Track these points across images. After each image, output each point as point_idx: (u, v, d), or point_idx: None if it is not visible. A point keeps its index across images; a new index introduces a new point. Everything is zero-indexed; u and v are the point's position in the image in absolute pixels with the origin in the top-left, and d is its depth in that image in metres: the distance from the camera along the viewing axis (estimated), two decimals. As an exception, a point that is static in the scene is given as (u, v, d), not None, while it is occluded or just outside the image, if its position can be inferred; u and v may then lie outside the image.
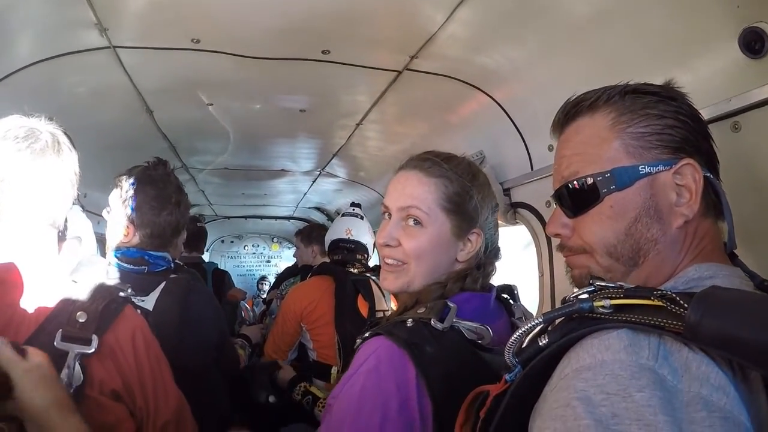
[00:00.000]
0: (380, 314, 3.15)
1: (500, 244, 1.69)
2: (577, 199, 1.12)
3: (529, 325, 0.99)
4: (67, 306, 1.40)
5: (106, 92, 2.97)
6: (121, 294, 1.53)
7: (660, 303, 0.85)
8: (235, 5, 2.14)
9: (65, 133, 1.53)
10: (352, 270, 3.58)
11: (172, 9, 2.18)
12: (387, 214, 1.61)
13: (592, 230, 1.11)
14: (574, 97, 1.19)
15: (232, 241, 11.41)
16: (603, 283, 0.97)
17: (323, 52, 2.55)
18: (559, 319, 0.96)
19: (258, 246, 11.61)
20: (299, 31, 2.35)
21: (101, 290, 1.49)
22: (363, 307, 3.26)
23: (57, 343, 1.32)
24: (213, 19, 2.28)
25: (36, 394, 1.15)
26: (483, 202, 1.59)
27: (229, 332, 3.27)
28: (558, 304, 2.56)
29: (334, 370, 3.25)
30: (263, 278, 10.92)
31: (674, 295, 0.84)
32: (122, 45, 2.45)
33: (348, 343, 3.05)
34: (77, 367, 1.33)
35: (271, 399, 3.34)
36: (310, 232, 4.99)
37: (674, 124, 1.06)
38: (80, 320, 1.37)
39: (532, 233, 2.90)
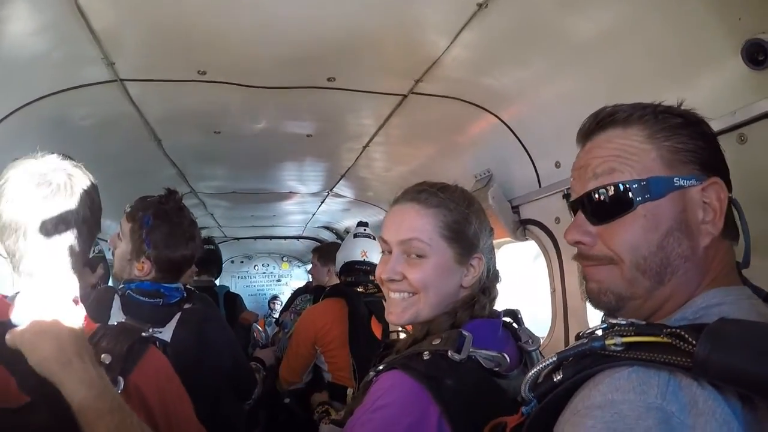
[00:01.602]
0: (394, 335, 3.14)
1: (509, 259, 1.69)
2: (606, 205, 1.08)
3: (545, 363, 1.00)
4: (92, 347, 1.39)
5: (114, 123, 3.01)
6: (144, 334, 1.53)
7: (669, 340, 0.86)
8: (241, 37, 2.17)
9: (80, 169, 1.53)
10: (364, 291, 3.57)
11: (177, 42, 2.21)
12: (386, 250, 1.60)
13: (623, 238, 1.07)
14: (606, 107, 1.15)
15: (242, 262, 11.40)
16: (614, 321, 0.98)
17: (329, 79, 2.57)
18: (573, 356, 0.97)
19: (268, 266, 11.60)
20: (304, 59, 2.38)
21: (125, 331, 1.50)
22: (377, 329, 3.24)
23: None
24: (218, 51, 2.30)
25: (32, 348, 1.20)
26: (481, 227, 1.59)
27: (244, 356, 3.29)
28: (571, 320, 2.57)
29: (349, 391, 3.24)
30: (275, 297, 10.90)
31: (682, 332, 0.85)
32: (129, 78, 2.49)
33: (363, 364, 3.04)
34: None
35: (287, 400, 3.49)
36: (327, 251, 4.93)
37: (704, 145, 1.06)
38: (105, 362, 1.37)
39: (542, 249, 2.90)
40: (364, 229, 3.93)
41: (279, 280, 11.60)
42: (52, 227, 1.42)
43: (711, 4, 1.57)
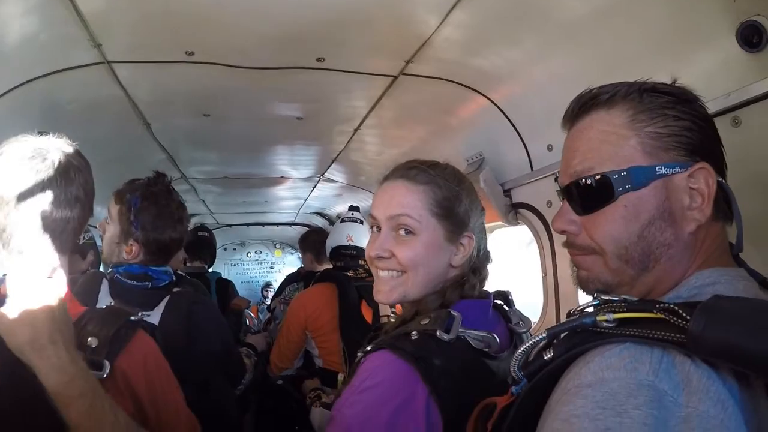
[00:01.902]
0: (384, 319, 3.14)
1: (501, 244, 1.68)
2: (589, 196, 1.08)
3: (535, 339, 0.99)
4: (78, 331, 1.38)
5: (103, 106, 2.97)
6: (132, 318, 1.52)
7: (662, 316, 0.85)
8: (228, 16, 2.13)
9: (75, 149, 1.52)
10: (354, 275, 3.56)
11: (164, 22, 2.18)
12: (375, 226, 1.59)
13: (604, 229, 1.07)
14: (590, 90, 1.14)
15: (234, 249, 11.40)
16: (606, 297, 0.97)
17: (318, 59, 2.55)
18: (564, 333, 0.96)
19: (261, 253, 11.60)
20: (293, 39, 2.35)
21: (111, 315, 1.49)
22: (367, 313, 3.25)
23: None
24: (206, 31, 2.27)
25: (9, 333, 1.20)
26: (471, 206, 1.57)
27: (234, 341, 3.27)
28: (562, 304, 2.58)
29: (340, 376, 3.24)
30: (267, 285, 10.89)
31: (676, 308, 0.84)
32: (116, 59, 2.46)
33: (353, 349, 3.04)
34: None
35: (279, 381, 3.54)
36: (305, 239, 5.02)
37: (691, 126, 1.04)
38: (91, 345, 1.37)
39: (534, 233, 2.89)
40: (351, 214, 3.94)
41: (272, 267, 11.61)
42: (42, 203, 1.40)
43: (706, -16, 1.54)
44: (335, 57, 2.55)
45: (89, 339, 1.37)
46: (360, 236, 3.79)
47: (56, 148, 1.45)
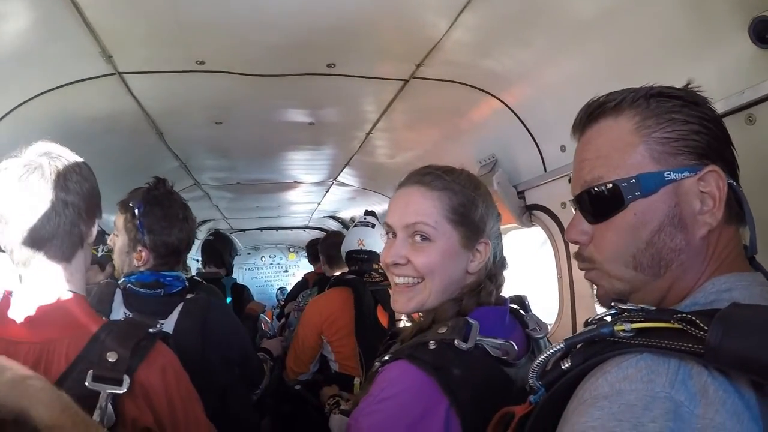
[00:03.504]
0: (400, 323, 3.13)
1: (515, 245, 1.66)
2: (600, 204, 1.08)
3: (553, 350, 0.99)
4: (97, 344, 1.39)
5: (116, 117, 2.99)
6: (151, 330, 1.52)
7: (680, 326, 0.84)
8: (238, 26, 2.14)
9: (74, 157, 1.53)
10: (369, 280, 3.56)
11: (174, 33, 2.19)
12: (391, 233, 1.57)
13: (610, 240, 1.07)
14: (597, 98, 1.14)
15: (248, 253, 11.44)
16: (624, 306, 0.96)
17: (328, 65, 2.55)
18: (581, 343, 0.95)
19: (275, 257, 11.63)
20: (303, 46, 2.35)
21: (131, 327, 1.49)
22: (383, 317, 3.24)
23: (88, 383, 1.32)
24: (216, 41, 2.28)
25: None
26: (487, 211, 1.56)
27: (251, 345, 3.28)
28: (578, 306, 2.55)
29: (356, 381, 3.24)
30: (282, 288, 10.93)
31: (693, 318, 0.83)
32: (128, 71, 2.48)
33: (369, 353, 3.03)
34: (109, 407, 1.32)
35: (297, 387, 3.52)
36: (311, 246, 5.01)
37: (699, 129, 1.03)
38: (110, 360, 1.36)
39: (548, 235, 2.88)
40: (364, 218, 3.93)
41: (286, 271, 11.64)
42: (33, 214, 1.41)
43: (716, -19, 1.52)
44: (346, 63, 2.55)
45: (108, 354, 1.37)
46: (371, 240, 3.78)
47: (50, 158, 1.46)
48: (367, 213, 4.05)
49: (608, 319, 0.96)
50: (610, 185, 1.05)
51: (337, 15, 2.09)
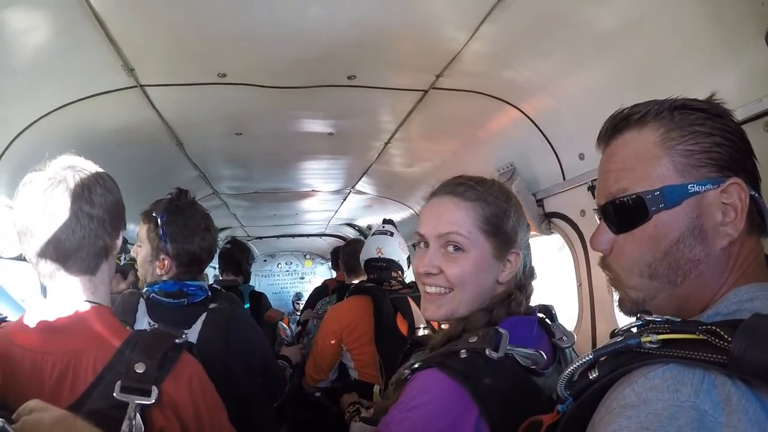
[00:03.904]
0: (420, 331, 3.14)
1: (533, 252, 1.67)
2: (624, 215, 1.09)
3: (581, 361, 1.00)
4: (124, 355, 1.40)
5: (137, 129, 3.04)
6: (177, 341, 1.53)
7: (704, 337, 0.86)
8: (260, 39, 2.17)
9: (97, 170, 1.55)
10: (388, 288, 3.56)
11: (196, 46, 2.22)
12: (423, 243, 1.58)
13: (628, 250, 1.09)
14: (622, 110, 1.15)
15: (265, 260, 11.49)
16: (650, 318, 0.97)
17: (349, 77, 2.57)
18: (608, 354, 0.97)
19: (291, 263, 11.68)
20: (324, 59, 2.37)
21: (157, 338, 1.50)
22: (402, 325, 3.25)
23: (117, 394, 1.33)
24: (238, 54, 2.31)
25: None
26: (518, 222, 1.57)
27: (273, 354, 3.30)
28: (598, 313, 2.55)
29: (376, 388, 3.24)
30: (298, 296, 10.95)
31: (717, 329, 0.85)
32: (149, 83, 2.51)
33: (389, 361, 3.04)
34: (138, 418, 1.33)
35: (317, 393, 3.54)
36: (334, 254, 5.00)
37: (722, 142, 1.03)
38: (138, 371, 1.37)
39: (567, 243, 2.88)
40: (383, 226, 3.93)
41: (302, 278, 11.68)
42: (56, 228, 1.42)
43: (732, -10, 1.53)
44: (366, 75, 2.57)
45: (136, 365, 1.38)
46: (390, 248, 3.79)
47: (75, 171, 1.48)
48: (386, 222, 4.06)
49: (634, 330, 0.97)
50: (635, 197, 1.06)
51: (358, 28, 2.12)
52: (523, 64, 2.39)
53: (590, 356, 0.99)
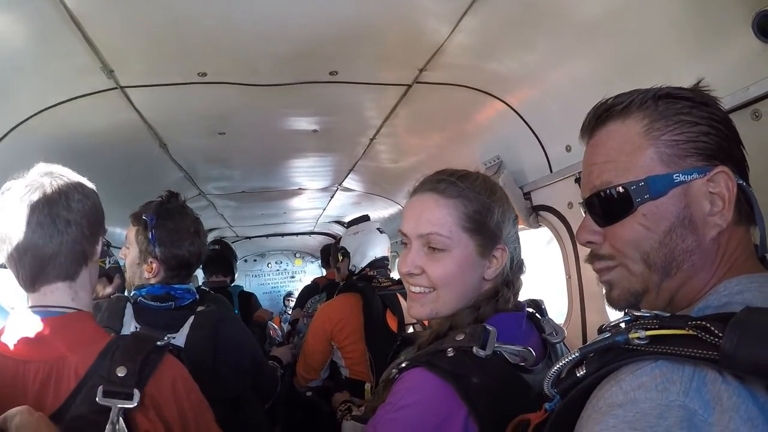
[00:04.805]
0: (410, 328, 3.13)
1: (522, 245, 1.64)
2: (609, 208, 1.08)
3: (568, 359, 0.98)
4: (106, 360, 1.39)
5: (119, 131, 3.00)
6: (159, 343, 1.51)
7: (694, 333, 0.84)
8: (239, 36, 2.15)
9: (75, 177, 1.54)
10: (378, 285, 3.55)
11: (175, 45, 2.20)
12: (406, 242, 1.56)
13: (625, 238, 1.07)
14: (605, 100, 1.13)
15: (255, 260, 11.49)
16: (639, 313, 0.96)
17: (331, 73, 2.55)
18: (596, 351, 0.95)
19: (281, 263, 11.68)
20: (305, 55, 2.35)
21: (138, 341, 1.49)
22: (392, 322, 3.24)
23: (99, 399, 1.31)
24: (217, 52, 2.29)
25: None
26: (503, 217, 1.53)
27: (263, 355, 3.28)
28: (588, 306, 2.54)
29: (367, 386, 3.24)
30: (289, 294, 10.95)
31: (708, 325, 0.83)
32: (129, 84, 2.49)
33: (379, 358, 3.04)
34: (121, 421, 1.32)
35: (309, 393, 3.56)
36: (323, 256, 5.01)
37: (708, 131, 1.02)
38: (120, 375, 1.36)
39: (555, 235, 2.87)
40: (377, 225, 3.95)
41: (293, 277, 11.69)
42: (33, 234, 1.42)
43: (718, -24, 1.52)
44: (348, 70, 2.55)
45: (118, 368, 1.37)
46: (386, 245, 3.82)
47: (52, 178, 1.47)
48: (366, 218, 4.10)
49: (622, 326, 0.95)
50: (620, 189, 1.04)
51: (338, 23, 2.09)
52: (507, 55, 2.37)
53: (577, 354, 0.97)
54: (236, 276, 5.41)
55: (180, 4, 1.90)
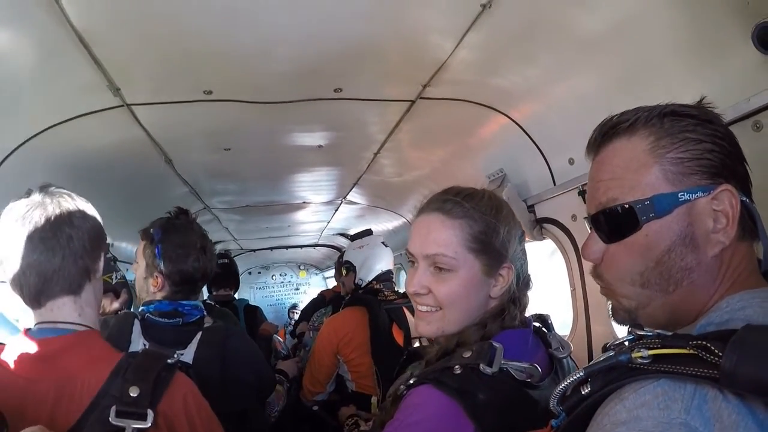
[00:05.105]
0: (416, 342, 3.13)
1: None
2: (614, 225, 1.07)
3: (573, 377, 1.00)
4: (117, 379, 1.39)
5: (125, 147, 3.02)
6: (169, 361, 1.52)
7: (695, 352, 0.85)
8: (244, 55, 2.17)
9: (74, 197, 1.56)
10: (384, 298, 3.56)
11: (181, 64, 2.22)
12: (413, 261, 1.57)
13: (619, 260, 1.08)
14: (611, 117, 1.13)
15: (259, 272, 11.47)
16: (641, 332, 0.97)
17: (335, 90, 2.57)
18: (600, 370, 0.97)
19: (285, 275, 11.67)
20: (309, 73, 2.37)
21: (149, 360, 1.49)
22: (398, 336, 3.25)
23: (112, 419, 1.31)
24: (223, 70, 2.31)
25: None
26: (509, 235, 1.53)
27: (269, 368, 3.28)
28: (592, 317, 2.54)
29: (374, 399, 3.24)
30: (294, 306, 10.93)
31: (707, 344, 0.84)
32: (136, 102, 2.51)
33: (386, 372, 3.04)
34: None
35: (315, 407, 3.54)
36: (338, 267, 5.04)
37: (712, 148, 1.02)
38: (133, 394, 1.36)
39: (560, 248, 2.88)
40: (381, 239, 3.97)
41: (297, 289, 11.67)
42: (34, 253, 1.44)
43: (717, -10, 1.54)
44: (352, 87, 2.57)
45: (130, 388, 1.37)
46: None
47: (52, 197, 1.50)
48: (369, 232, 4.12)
49: (626, 344, 0.96)
50: (625, 207, 1.04)
51: (342, 41, 2.11)
52: (511, 70, 2.39)
53: (581, 373, 0.98)
54: (239, 288, 5.40)
55: (186, 24, 1.92)
